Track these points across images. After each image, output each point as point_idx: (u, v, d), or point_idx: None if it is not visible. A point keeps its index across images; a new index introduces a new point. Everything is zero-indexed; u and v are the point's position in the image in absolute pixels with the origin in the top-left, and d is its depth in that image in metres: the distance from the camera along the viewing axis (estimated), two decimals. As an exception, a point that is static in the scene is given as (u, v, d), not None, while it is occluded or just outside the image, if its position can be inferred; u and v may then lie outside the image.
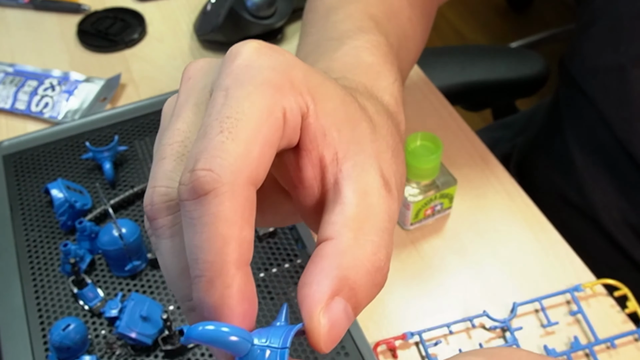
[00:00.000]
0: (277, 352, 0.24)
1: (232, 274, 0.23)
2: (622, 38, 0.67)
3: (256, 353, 0.24)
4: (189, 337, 0.23)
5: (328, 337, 0.24)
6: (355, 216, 0.26)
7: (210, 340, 0.23)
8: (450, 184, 0.62)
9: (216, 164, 0.23)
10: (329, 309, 0.24)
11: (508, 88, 1.01)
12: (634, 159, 0.68)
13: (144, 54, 0.85)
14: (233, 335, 0.24)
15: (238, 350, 0.24)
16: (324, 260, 0.25)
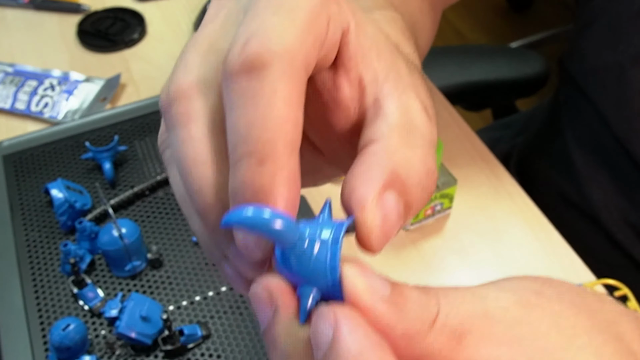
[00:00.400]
0: (327, 246, 0.21)
1: (287, 155, 0.21)
2: (621, 37, 0.67)
3: (303, 246, 0.21)
4: (228, 222, 0.20)
5: (380, 232, 0.22)
6: (402, 125, 0.24)
7: (253, 225, 0.20)
8: (450, 184, 0.62)
9: (274, 41, 0.21)
10: (381, 200, 0.22)
11: (508, 88, 1.01)
12: (634, 158, 0.68)
13: (144, 54, 0.85)
14: (280, 221, 0.20)
15: (283, 239, 0.21)
16: (372, 157, 0.23)
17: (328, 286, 0.21)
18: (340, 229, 0.21)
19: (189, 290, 0.57)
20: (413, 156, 0.24)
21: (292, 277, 0.22)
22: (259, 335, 0.53)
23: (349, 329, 0.20)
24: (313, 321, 0.21)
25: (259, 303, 0.22)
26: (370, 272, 0.21)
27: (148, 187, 0.64)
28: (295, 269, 0.21)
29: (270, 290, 0.22)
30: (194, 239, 0.60)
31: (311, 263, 0.21)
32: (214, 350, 0.53)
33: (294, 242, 0.21)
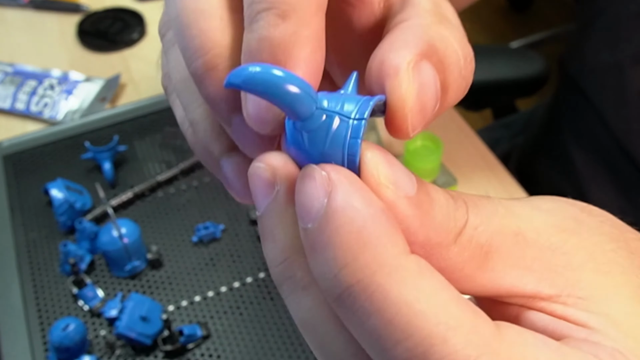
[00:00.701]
0: (348, 123, 0.17)
1: (313, 12, 0.18)
2: (620, 38, 0.67)
3: (320, 119, 0.17)
4: (233, 81, 0.16)
5: (416, 104, 0.18)
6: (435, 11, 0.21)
7: (262, 86, 0.16)
8: (450, 184, 0.62)
9: None
10: (418, 69, 0.19)
11: (508, 88, 1.01)
12: (633, 158, 0.68)
13: (144, 54, 0.85)
14: (293, 85, 0.16)
15: (297, 108, 0.17)
16: (405, 30, 0.20)
17: None
18: (367, 104, 0.17)
19: (189, 290, 0.57)
20: (450, 35, 0.20)
21: (302, 157, 0.18)
22: (258, 335, 0.53)
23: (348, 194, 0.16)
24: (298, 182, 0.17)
25: (258, 182, 0.19)
26: (397, 163, 0.18)
27: (148, 187, 0.64)
28: (307, 147, 0.18)
29: (273, 168, 0.18)
30: (194, 239, 0.60)
31: (327, 141, 0.17)
32: (214, 350, 0.53)
33: (310, 114, 0.17)
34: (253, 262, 0.58)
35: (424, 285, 0.16)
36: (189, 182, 0.66)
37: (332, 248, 0.16)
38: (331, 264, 0.16)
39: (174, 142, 0.69)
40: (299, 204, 0.17)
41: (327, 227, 0.16)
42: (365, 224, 0.16)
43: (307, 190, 0.17)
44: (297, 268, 0.18)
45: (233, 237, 0.61)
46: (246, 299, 0.56)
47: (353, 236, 0.16)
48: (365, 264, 0.16)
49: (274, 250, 0.18)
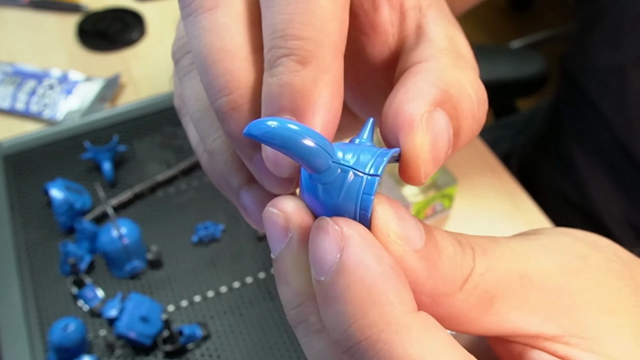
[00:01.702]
0: (362, 179, 0.17)
1: (332, 58, 0.18)
2: (622, 39, 0.67)
3: (335, 173, 0.18)
4: (252, 132, 0.17)
5: (430, 155, 0.19)
6: (450, 49, 0.21)
7: (279, 139, 0.17)
8: (450, 184, 0.62)
9: None
10: (432, 120, 0.19)
11: (508, 88, 1.01)
12: (634, 159, 0.68)
13: (144, 54, 0.85)
14: (310, 139, 0.17)
15: (313, 162, 0.17)
16: (420, 75, 0.20)
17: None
18: (382, 159, 0.18)
19: (189, 290, 0.57)
20: (465, 78, 0.20)
21: (316, 207, 0.18)
22: (258, 335, 0.53)
23: (359, 251, 0.17)
24: (312, 234, 0.18)
25: (272, 227, 0.19)
26: (407, 216, 0.18)
27: (148, 187, 0.64)
28: (322, 198, 0.18)
29: (287, 213, 0.19)
30: (194, 239, 0.60)
31: (341, 195, 0.18)
32: (214, 350, 0.52)
33: (326, 168, 0.18)
34: (253, 262, 0.58)
35: (430, 343, 0.16)
36: (189, 182, 0.66)
37: (343, 303, 0.17)
38: (342, 319, 0.17)
39: (174, 142, 0.69)
40: (313, 256, 0.18)
41: (339, 283, 0.17)
42: (375, 282, 0.17)
43: (321, 244, 0.17)
44: (310, 313, 0.19)
45: (233, 237, 0.61)
46: (246, 299, 0.56)
47: (363, 293, 0.17)
48: (374, 322, 0.16)
49: (289, 294, 0.19)
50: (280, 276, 0.19)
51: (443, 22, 0.23)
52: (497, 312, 0.19)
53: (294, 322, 0.19)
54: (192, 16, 0.20)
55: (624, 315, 0.19)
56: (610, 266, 0.21)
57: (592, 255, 0.21)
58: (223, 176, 0.22)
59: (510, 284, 0.19)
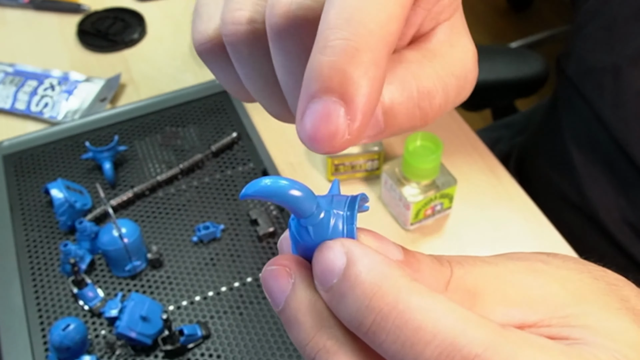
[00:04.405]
0: (344, 216, 0.22)
1: (384, 56, 0.19)
2: (617, 38, 0.67)
3: (319, 216, 0.22)
4: (247, 194, 0.21)
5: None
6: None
7: (271, 194, 0.20)
8: (450, 184, 0.62)
9: None
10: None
11: (508, 88, 1.01)
12: (631, 158, 0.68)
13: (144, 54, 0.85)
14: (295, 190, 0.21)
15: (301, 209, 0.21)
16: None
17: None
18: (355, 201, 0.22)
19: (189, 290, 0.57)
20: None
21: (309, 248, 0.22)
22: (258, 335, 0.53)
23: (362, 249, 0.20)
24: (317, 255, 0.21)
25: (273, 282, 0.22)
26: (384, 239, 0.22)
27: (148, 187, 0.64)
28: (313, 238, 0.22)
29: (287, 264, 0.22)
30: (194, 239, 0.60)
31: (329, 231, 0.22)
32: (214, 350, 0.53)
33: (311, 213, 0.21)
34: (253, 262, 0.58)
35: (437, 297, 0.20)
36: (189, 182, 0.66)
37: (360, 286, 0.20)
38: (361, 298, 0.20)
39: (174, 142, 0.69)
40: (322, 270, 0.21)
41: (351, 275, 0.20)
42: (379, 265, 0.20)
43: (328, 256, 0.21)
44: (324, 339, 0.21)
45: (233, 237, 0.61)
46: (246, 299, 0.56)
47: (372, 275, 0.20)
48: (389, 291, 0.19)
49: (301, 333, 0.21)
50: (290, 321, 0.22)
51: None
52: (482, 307, 0.22)
53: (311, 354, 0.21)
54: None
55: (590, 295, 0.22)
56: (568, 264, 0.24)
57: (550, 259, 0.24)
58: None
59: (488, 284, 0.22)
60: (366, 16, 0.19)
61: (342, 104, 0.19)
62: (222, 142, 0.68)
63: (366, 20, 0.19)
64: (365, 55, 0.19)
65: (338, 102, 0.19)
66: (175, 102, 0.73)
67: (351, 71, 0.19)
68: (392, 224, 0.65)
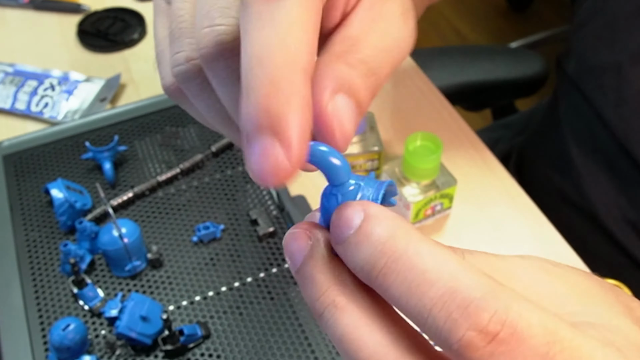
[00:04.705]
0: (372, 190, 0.23)
1: (302, 81, 0.21)
2: (617, 36, 0.67)
3: (349, 188, 0.23)
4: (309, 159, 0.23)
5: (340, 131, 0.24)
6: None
7: (316, 158, 0.22)
8: (450, 184, 0.62)
9: None
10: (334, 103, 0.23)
11: (508, 88, 1.01)
12: (632, 156, 0.68)
13: (144, 54, 0.85)
14: (335, 158, 0.23)
15: (335, 176, 0.23)
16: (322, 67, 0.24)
17: None
18: (383, 185, 0.24)
19: (189, 290, 0.57)
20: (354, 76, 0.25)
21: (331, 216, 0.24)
22: (258, 335, 0.53)
23: (380, 212, 0.22)
24: (338, 211, 0.23)
25: (293, 244, 0.23)
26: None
27: (148, 187, 0.64)
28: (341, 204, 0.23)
29: (307, 228, 0.24)
30: (194, 239, 0.60)
31: (357, 199, 0.23)
32: (214, 350, 0.53)
33: (343, 182, 0.23)
34: (253, 262, 0.58)
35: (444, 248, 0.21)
36: (189, 182, 0.66)
37: (375, 235, 0.21)
38: (375, 244, 0.21)
39: (174, 142, 0.69)
40: (339, 224, 0.22)
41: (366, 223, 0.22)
42: (396, 220, 0.22)
43: (347, 212, 0.22)
44: (334, 295, 0.22)
45: (233, 237, 0.61)
46: (246, 299, 0.56)
47: (388, 225, 0.21)
48: (401, 238, 0.21)
49: (314, 289, 0.23)
50: (305, 278, 0.23)
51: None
52: None
53: (320, 309, 0.22)
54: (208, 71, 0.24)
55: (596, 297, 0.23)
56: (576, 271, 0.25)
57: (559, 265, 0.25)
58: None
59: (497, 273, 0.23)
60: (275, 53, 0.21)
61: (275, 139, 0.20)
62: (222, 142, 0.68)
63: (275, 57, 0.21)
64: (283, 90, 0.20)
65: (271, 139, 0.21)
66: (175, 102, 0.73)
67: (274, 108, 0.20)
68: (392, 224, 0.65)
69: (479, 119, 1.59)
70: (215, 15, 0.24)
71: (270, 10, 0.21)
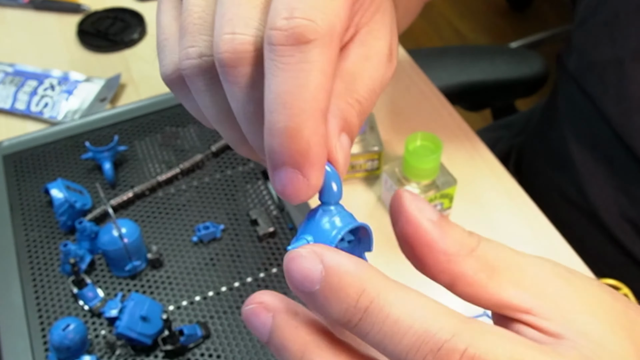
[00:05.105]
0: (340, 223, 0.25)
1: (321, 121, 0.24)
2: (619, 32, 0.67)
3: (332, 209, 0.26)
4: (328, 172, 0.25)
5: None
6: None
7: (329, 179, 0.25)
8: (450, 184, 0.62)
9: (317, 16, 0.23)
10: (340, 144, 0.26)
11: (508, 88, 1.01)
12: (633, 152, 0.68)
13: (144, 54, 0.85)
14: (335, 183, 0.26)
15: (331, 197, 0.26)
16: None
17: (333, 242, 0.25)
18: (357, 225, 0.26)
19: (189, 290, 0.57)
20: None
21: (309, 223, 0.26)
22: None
23: (332, 254, 0.23)
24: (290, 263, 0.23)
25: (255, 315, 0.25)
26: (423, 200, 0.25)
27: (148, 187, 0.64)
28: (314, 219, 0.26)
29: (262, 300, 0.25)
30: (194, 239, 0.60)
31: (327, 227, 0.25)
32: (214, 350, 0.53)
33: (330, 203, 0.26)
34: (253, 262, 0.58)
35: (412, 293, 0.23)
36: (189, 182, 0.66)
37: (344, 290, 0.22)
38: (347, 300, 0.22)
39: (174, 142, 0.69)
40: (301, 279, 0.23)
41: (332, 279, 0.22)
42: (359, 271, 0.23)
43: (305, 265, 0.23)
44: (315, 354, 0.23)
45: (233, 237, 0.61)
46: (246, 299, 0.56)
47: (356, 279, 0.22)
48: (371, 292, 0.22)
49: (292, 354, 0.24)
50: (278, 349, 0.24)
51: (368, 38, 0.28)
52: (498, 283, 0.24)
53: None
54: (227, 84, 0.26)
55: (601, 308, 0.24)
56: (591, 280, 0.26)
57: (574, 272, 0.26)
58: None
59: (509, 265, 0.24)
60: (299, 99, 0.23)
61: (297, 171, 0.24)
62: (222, 142, 0.68)
63: (299, 102, 0.23)
64: (305, 132, 0.23)
65: (294, 170, 0.24)
66: (175, 102, 0.73)
67: (297, 148, 0.23)
68: (392, 224, 0.65)
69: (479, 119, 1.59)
70: (238, 23, 0.25)
71: (297, 55, 0.23)
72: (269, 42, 0.24)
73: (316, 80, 0.23)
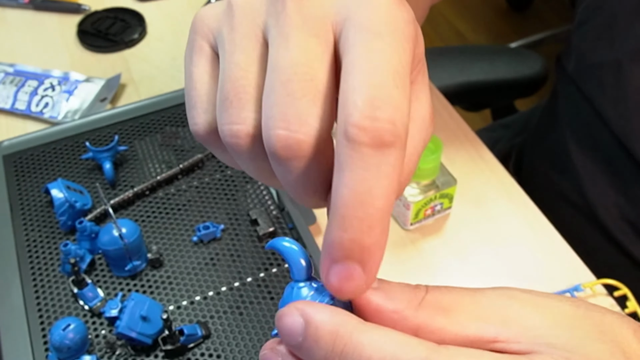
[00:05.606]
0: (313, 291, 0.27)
1: (388, 221, 0.24)
2: (617, 34, 0.67)
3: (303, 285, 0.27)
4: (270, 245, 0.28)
5: None
6: None
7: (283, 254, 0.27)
8: (450, 184, 0.62)
9: (397, 118, 0.23)
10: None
11: (507, 88, 1.01)
12: (632, 154, 0.68)
13: (144, 54, 0.85)
14: (302, 259, 0.27)
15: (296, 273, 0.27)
16: None
17: None
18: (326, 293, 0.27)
19: (189, 290, 0.57)
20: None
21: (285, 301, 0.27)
22: (258, 335, 0.53)
23: (317, 310, 0.25)
24: (277, 322, 0.25)
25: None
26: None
27: (148, 187, 0.64)
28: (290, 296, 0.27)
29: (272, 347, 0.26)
30: (194, 239, 0.60)
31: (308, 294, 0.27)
32: (214, 350, 0.53)
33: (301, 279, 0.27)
34: (253, 262, 0.59)
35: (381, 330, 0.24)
36: (189, 182, 0.66)
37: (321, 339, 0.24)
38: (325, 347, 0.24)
39: (174, 142, 0.69)
40: (287, 334, 0.25)
41: (310, 329, 0.24)
42: (333, 318, 0.24)
43: (288, 321, 0.25)
44: None
45: (233, 237, 0.61)
46: (246, 299, 0.56)
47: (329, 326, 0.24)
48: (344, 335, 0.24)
49: None
50: None
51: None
52: (457, 322, 0.25)
53: None
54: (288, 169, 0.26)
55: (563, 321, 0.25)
56: (546, 293, 0.26)
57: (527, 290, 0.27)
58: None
59: (464, 303, 0.25)
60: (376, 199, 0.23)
61: (360, 267, 0.24)
62: (222, 142, 0.68)
63: (375, 202, 0.23)
64: (377, 229, 0.24)
65: (356, 265, 0.24)
66: (175, 102, 0.73)
67: (367, 244, 0.24)
68: (392, 224, 0.65)
69: (479, 119, 1.59)
70: (292, 120, 0.24)
71: (378, 157, 0.23)
72: (348, 138, 0.23)
73: (393, 182, 0.23)
